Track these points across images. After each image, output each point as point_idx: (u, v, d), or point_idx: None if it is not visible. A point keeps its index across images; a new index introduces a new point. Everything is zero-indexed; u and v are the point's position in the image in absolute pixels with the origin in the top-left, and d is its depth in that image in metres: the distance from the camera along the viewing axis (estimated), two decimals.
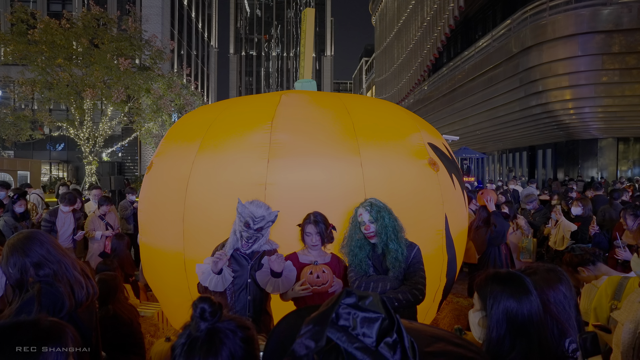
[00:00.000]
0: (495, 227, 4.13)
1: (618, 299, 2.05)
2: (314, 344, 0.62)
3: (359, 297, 0.64)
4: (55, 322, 1.11)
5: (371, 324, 0.62)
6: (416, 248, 2.44)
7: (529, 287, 1.34)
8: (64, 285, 1.82)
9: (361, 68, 75.53)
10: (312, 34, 5.22)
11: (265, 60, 71.86)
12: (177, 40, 32.40)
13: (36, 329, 1.06)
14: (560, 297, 1.52)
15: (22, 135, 14.95)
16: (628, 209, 4.24)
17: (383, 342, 0.60)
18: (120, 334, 2.75)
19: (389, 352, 0.60)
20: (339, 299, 0.64)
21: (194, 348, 0.92)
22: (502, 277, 1.37)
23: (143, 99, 15.37)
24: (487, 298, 1.34)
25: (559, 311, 1.49)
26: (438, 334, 0.83)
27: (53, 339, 1.06)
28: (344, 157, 2.89)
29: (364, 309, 0.63)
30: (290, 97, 3.41)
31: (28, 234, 1.91)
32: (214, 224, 2.81)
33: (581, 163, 18.87)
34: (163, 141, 3.63)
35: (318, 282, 2.36)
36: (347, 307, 0.63)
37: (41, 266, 1.82)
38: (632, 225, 4.13)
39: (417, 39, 31.24)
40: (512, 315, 1.30)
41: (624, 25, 13.89)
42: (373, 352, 0.60)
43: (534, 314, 1.31)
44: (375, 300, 0.64)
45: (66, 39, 13.52)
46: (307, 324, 0.65)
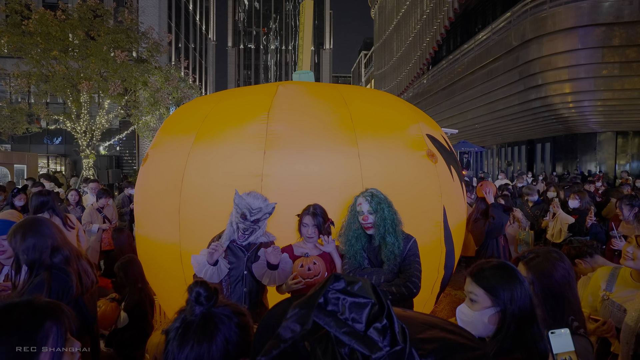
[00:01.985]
0: (494, 219, 4.12)
1: (610, 290, 2.05)
2: (300, 327, 0.61)
3: (348, 282, 0.63)
4: (51, 301, 1.09)
5: (360, 309, 0.60)
6: (412, 240, 2.41)
7: (519, 275, 1.32)
8: (74, 271, 1.85)
9: (360, 61, 75.20)
10: (310, 26, 5.16)
11: (264, 54, 71.50)
12: (174, 32, 32.16)
13: (33, 307, 1.04)
14: (565, 273, 1.55)
15: (19, 128, 14.85)
16: (624, 200, 4.25)
17: (372, 327, 0.59)
18: (145, 315, 3.05)
19: (379, 336, 0.58)
20: (327, 283, 0.63)
21: (188, 332, 0.90)
22: (504, 267, 1.34)
23: (140, 92, 15.26)
24: (503, 291, 1.28)
25: (564, 288, 1.51)
26: (431, 321, 0.82)
27: (51, 316, 1.04)
28: (341, 149, 2.86)
29: (353, 294, 0.62)
30: (287, 88, 3.37)
31: (40, 219, 1.96)
32: (210, 216, 2.79)
33: (580, 157, 18.88)
34: (159, 133, 3.60)
35: (310, 275, 2.34)
36: (336, 292, 0.62)
37: (58, 249, 1.85)
38: (627, 215, 4.14)
39: (416, 31, 31.06)
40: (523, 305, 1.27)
41: (625, 18, 13.81)
42: (361, 336, 0.58)
43: (532, 300, 1.30)
44: (364, 285, 0.63)
45: (62, 30, 13.37)
46: (293, 308, 0.63)
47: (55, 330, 1.03)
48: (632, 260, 1.94)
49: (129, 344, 2.95)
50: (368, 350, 0.57)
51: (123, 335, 2.96)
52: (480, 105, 20.95)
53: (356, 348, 0.57)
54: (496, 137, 25.11)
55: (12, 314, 1.01)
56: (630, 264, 1.96)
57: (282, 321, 0.63)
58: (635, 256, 1.94)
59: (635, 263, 1.94)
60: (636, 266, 1.94)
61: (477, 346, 0.78)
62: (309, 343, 0.62)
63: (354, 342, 0.57)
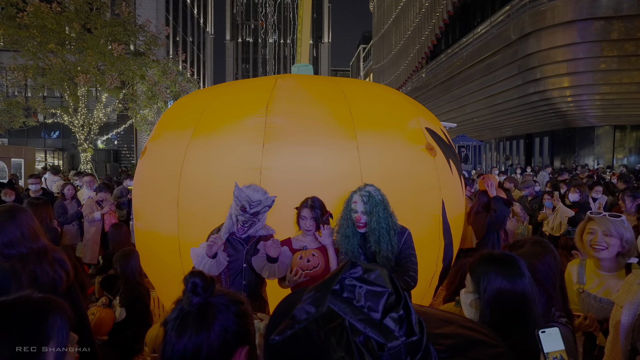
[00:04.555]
0: (496, 212, 4.13)
1: (582, 282, 2.06)
2: (315, 309, 0.60)
3: (365, 269, 0.62)
4: (47, 295, 1.10)
5: (377, 298, 0.60)
6: (407, 233, 2.38)
7: (523, 269, 1.32)
8: (27, 271, 1.77)
9: (359, 55, 74.89)
10: (309, 19, 5.13)
11: (262, 47, 71.08)
12: (172, 26, 31.90)
13: (31, 302, 1.06)
14: (545, 267, 1.59)
15: (15, 122, 14.76)
16: (626, 191, 4.27)
17: (388, 316, 0.58)
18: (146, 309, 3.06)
19: (395, 326, 0.58)
20: (343, 269, 0.62)
21: (185, 322, 0.90)
22: (496, 258, 1.35)
23: (138, 86, 15.18)
24: (481, 279, 1.32)
25: (544, 280, 1.57)
26: (449, 318, 0.82)
27: (53, 310, 1.05)
28: (340, 142, 2.85)
29: (370, 282, 0.61)
30: (286, 80, 3.35)
31: (15, 208, 1.87)
32: (208, 209, 2.79)
33: (578, 151, 18.92)
34: (157, 125, 3.58)
35: (309, 266, 2.34)
36: (352, 279, 0.61)
37: (14, 245, 1.79)
38: (630, 206, 4.14)
39: (415, 25, 30.92)
40: (505, 297, 1.28)
41: (624, 12, 13.78)
42: (377, 324, 0.58)
43: (528, 295, 1.29)
44: (381, 274, 0.62)
45: (58, 23, 13.25)
46: (309, 292, 0.63)
47: (60, 323, 1.04)
48: (607, 249, 1.95)
49: (133, 340, 2.94)
50: (383, 338, 0.57)
51: (125, 333, 2.94)
52: (479, 99, 20.93)
53: (371, 336, 0.57)
54: (494, 131, 25.12)
55: (14, 310, 1.02)
56: (605, 254, 1.96)
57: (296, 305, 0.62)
58: (608, 243, 1.94)
59: (610, 251, 1.95)
60: (610, 254, 1.95)
61: (496, 343, 0.77)
62: (323, 332, 0.61)
63: (369, 330, 0.57)
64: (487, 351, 0.74)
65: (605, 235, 1.96)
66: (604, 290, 1.97)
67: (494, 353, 0.74)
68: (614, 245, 1.94)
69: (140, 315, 3.01)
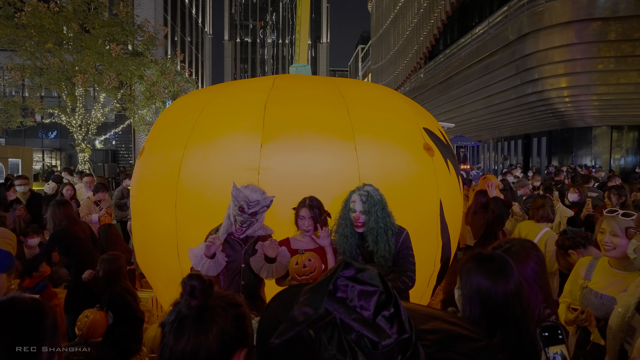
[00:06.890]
0: (494, 212, 4.14)
1: (588, 279, 2.07)
2: (313, 311, 0.61)
3: (358, 269, 0.63)
4: (36, 298, 1.12)
5: (369, 297, 0.61)
6: (404, 233, 2.39)
7: (507, 270, 1.31)
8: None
9: (357, 55, 74.88)
10: (307, 20, 5.13)
11: (261, 47, 71.05)
12: (170, 26, 31.84)
13: (29, 304, 1.08)
14: (527, 272, 1.57)
15: (13, 122, 14.72)
16: (612, 189, 4.37)
17: (380, 315, 0.60)
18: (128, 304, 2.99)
19: (386, 324, 0.59)
20: (337, 270, 0.63)
21: (183, 326, 0.90)
22: (480, 257, 1.36)
23: (136, 86, 15.15)
24: (463, 276, 1.34)
25: (537, 276, 1.57)
26: (433, 313, 0.83)
27: (49, 311, 1.08)
28: (338, 142, 2.86)
29: (362, 281, 0.62)
30: (284, 81, 3.36)
31: None
32: (206, 209, 2.79)
33: (575, 151, 18.96)
34: (155, 125, 3.58)
35: (305, 272, 2.30)
36: (345, 279, 0.62)
37: None
38: (616, 204, 4.21)
39: (413, 26, 30.94)
40: (484, 295, 1.28)
41: (621, 13, 13.82)
42: (370, 323, 0.59)
43: (509, 295, 1.27)
44: (373, 274, 0.63)
45: (55, 23, 13.21)
46: (304, 293, 0.64)
47: (52, 324, 1.07)
48: (614, 249, 1.95)
49: (125, 338, 2.92)
50: (377, 337, 0.58)
51: (114, 333, 2.91)
52: (477, 99, 20.97)
53: (366, 335, 0.58)
54: (492, 131, 25.16)
55: (14, 311, 1.04)
56: (613, 254, 1.96)
57: (287, 307, 0.63)
58: (615, 244, 1.94)
59: (618, 251, 1.95)
60: (619, 254, 1.95)
61: (478, 337, 0.78)
62: (312, 330, 0.62)
63: (364, 329, 0.58)
64: (471, 345, 0.75)
65: (612, 235, 1.95)
66: (611, 288, 1.96)
67: (477, 347, 0.75)
68: (622, 246, 1.92)
69: (124, 313, 2.95)
